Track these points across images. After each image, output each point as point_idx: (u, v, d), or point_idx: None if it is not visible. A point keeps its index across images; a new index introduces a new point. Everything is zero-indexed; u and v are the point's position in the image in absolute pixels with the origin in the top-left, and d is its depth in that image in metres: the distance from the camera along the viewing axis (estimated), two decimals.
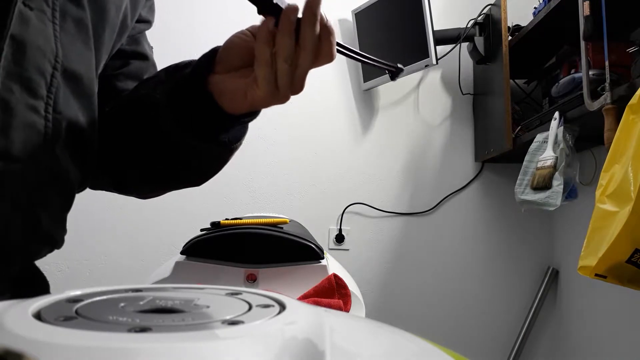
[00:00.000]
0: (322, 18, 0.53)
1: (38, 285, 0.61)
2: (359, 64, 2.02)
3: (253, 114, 0.61)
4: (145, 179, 0.69)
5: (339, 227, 2.01)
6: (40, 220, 0.54)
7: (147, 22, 0.72)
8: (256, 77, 0.55)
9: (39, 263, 0.61)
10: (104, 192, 0.76)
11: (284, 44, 0.52)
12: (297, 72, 0.54)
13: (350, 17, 2.05)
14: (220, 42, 0.59)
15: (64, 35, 0.53)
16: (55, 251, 0.60)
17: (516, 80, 2.01)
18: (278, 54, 0.53)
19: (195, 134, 0.60)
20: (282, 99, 0.56)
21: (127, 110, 0.65)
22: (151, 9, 0.72)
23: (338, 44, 0.57)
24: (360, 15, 2.02)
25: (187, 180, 0.71)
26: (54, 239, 0.58)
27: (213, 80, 0.58)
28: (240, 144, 0.66)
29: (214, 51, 0.59)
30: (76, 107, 0.57)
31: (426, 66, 1.85)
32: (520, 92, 2.00)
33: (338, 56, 0.58)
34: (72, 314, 0.26)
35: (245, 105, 0.58)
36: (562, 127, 1.42)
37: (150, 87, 0.63)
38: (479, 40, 1.89)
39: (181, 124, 0.60)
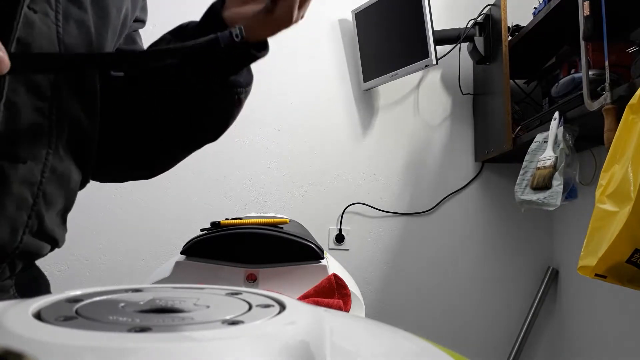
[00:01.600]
0: None
1: (39, 285, 0.62)
2: (359, 63, 2.02)
3: (264, 48, 0.64)
4: (160, 147, 0.70)
5: (339, 227, 2.01)
6: (44, 220, 0.54)
7: (142, 22, 0.74)
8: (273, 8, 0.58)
9: (39, 262, 0.61)
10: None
11: None
12: None
13: (350, 17, 2.05)
14: None
15: (67, 37, 0.54)
16: (55, 251, 0.60)
17: (516, 80, 2.00)
18: None
19: (211, 78, 0.62)
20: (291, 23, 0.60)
21: (139, 80, 0.66)
22: (144, 9, 0.74)
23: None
24: (360, 15, 2.02)
25: (202, 137, 0.71)
26: (56, 239, 0.58)
27: (229, 17, 0.61)
28: (249, 90, 0.68)
29: None
30: (79, 108, 0.57)
31: (426, 66, 1.85)
32: (520, 92, 2.00)
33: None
34: (72, 314, 0.27)
35: (265, 34, 0.61)
36: (562, 127, 1.42)
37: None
38: (479, 40, 1.89)
39: (198, 72, 0.62)
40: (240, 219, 0.98)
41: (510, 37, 1.80)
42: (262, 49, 0.63)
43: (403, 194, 2.05)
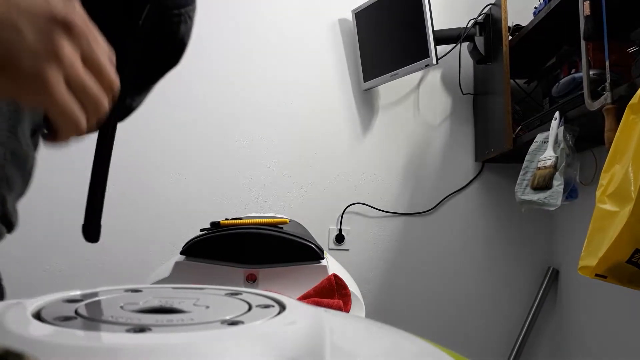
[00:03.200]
0: None
1: None
2: (359, 63, 2.02)
3: None
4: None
5: (339, 227, 2.01)
6: (6, 200, 0.55)
7: None
8: None
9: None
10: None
11: None
12: None
13: (350, 17, 2.05)
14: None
15: None
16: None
17: (516, 80, 2.00)
18: None
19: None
20: None
21: None
22: None
23: None
24: (360, 15, 2.02)
25: (159, 64, 0.66)
26: (12, 223, 0.59)
27: None
28: (193, 9, 0.63)
29: None
30: None
31: (426, 66, 1.85)
32: (520, 92, 2.00)
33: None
34: (71, 314, 0.27)
35: None
36: (562, 127, 1.42)
37: None
38: (479, 40, 1.89)
39: None
40: (240, 219, 0.98)
41: (510, 37, 1.80)
42: None
43: (403, 194, 2.05)
